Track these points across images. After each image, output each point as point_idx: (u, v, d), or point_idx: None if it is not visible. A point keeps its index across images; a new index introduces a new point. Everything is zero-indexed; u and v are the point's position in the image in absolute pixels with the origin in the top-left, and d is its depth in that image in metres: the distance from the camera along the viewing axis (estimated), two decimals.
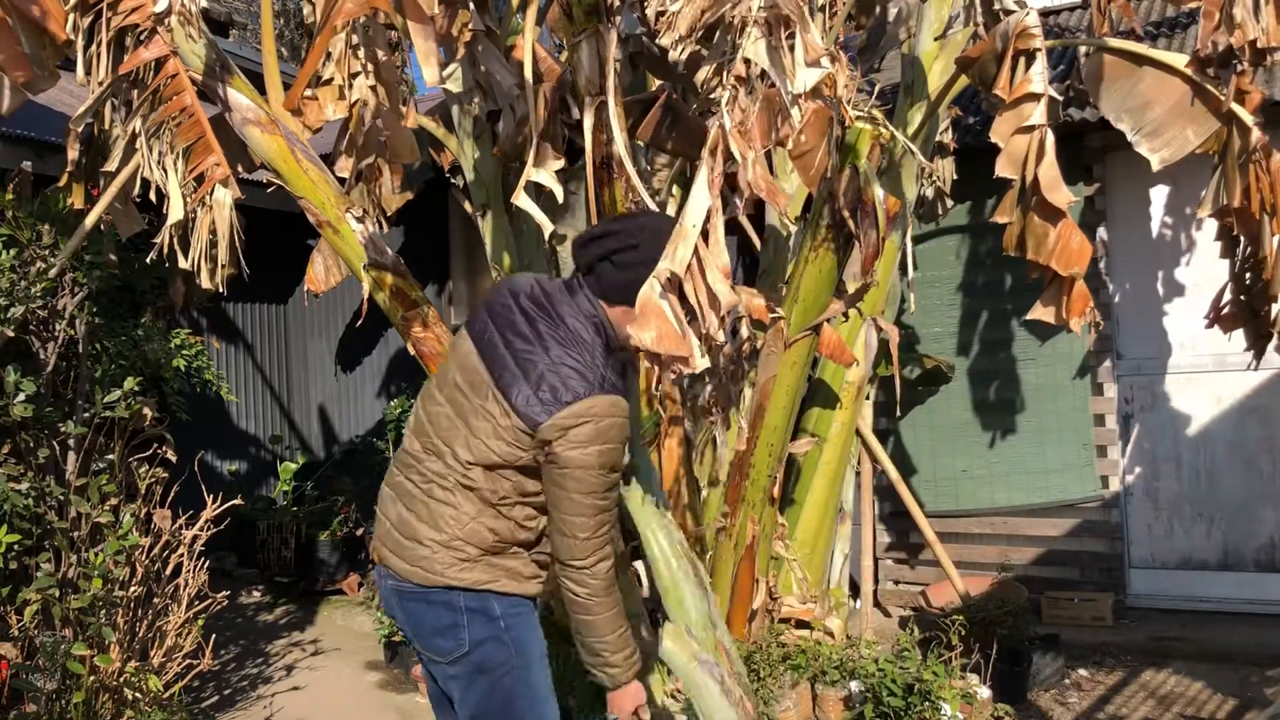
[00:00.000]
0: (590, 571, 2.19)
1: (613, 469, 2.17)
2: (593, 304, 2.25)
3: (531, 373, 2.17)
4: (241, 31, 12.59)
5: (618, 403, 2.17)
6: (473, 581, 2.24)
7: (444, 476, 2.24)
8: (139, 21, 3.73)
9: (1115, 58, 3.99)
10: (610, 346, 2.25)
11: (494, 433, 2.20)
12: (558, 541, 2.21)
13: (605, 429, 2.13)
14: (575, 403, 2.12)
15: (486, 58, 4.08)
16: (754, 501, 4.14)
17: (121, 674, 3.82)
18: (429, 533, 2.24)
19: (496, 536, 2.24)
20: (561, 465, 2.14)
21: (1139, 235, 5.49)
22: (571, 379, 2.15)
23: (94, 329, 4.37)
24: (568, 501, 2.16)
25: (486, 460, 2.20)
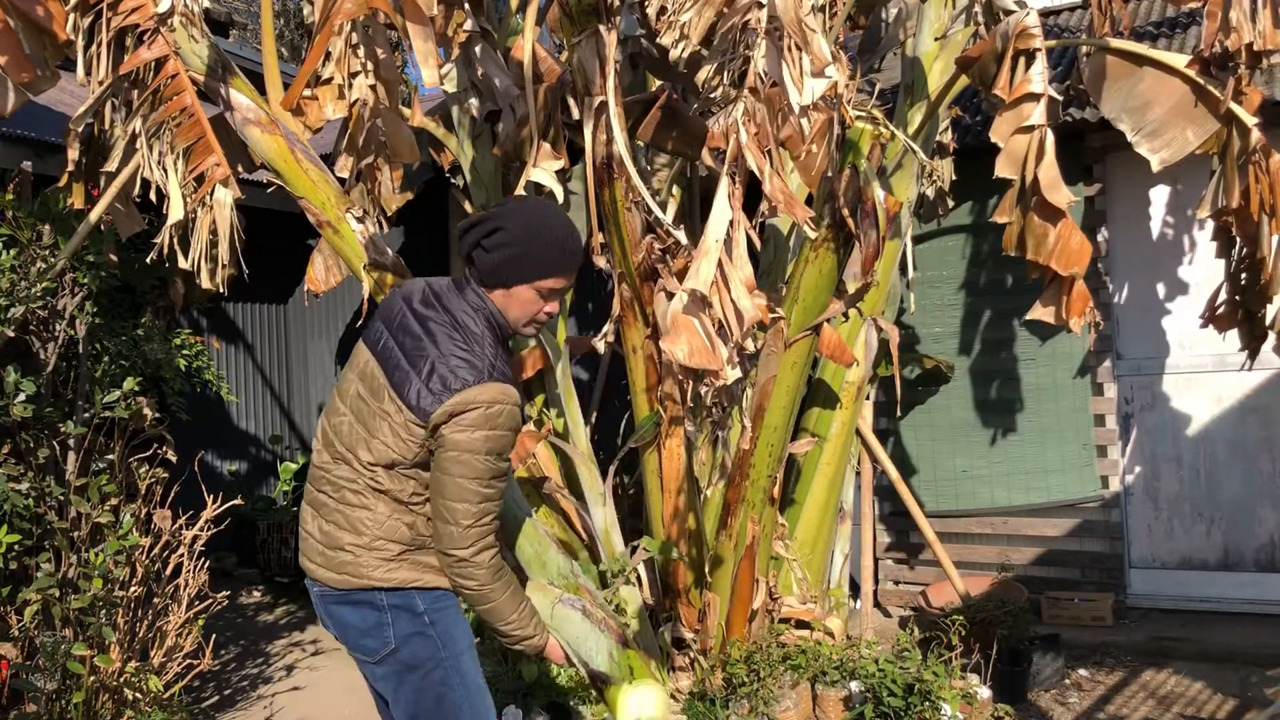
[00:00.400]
0: (473, 562, 2.21)
1: (499, 456, 2.20)
2: (478, 295, 2.30)
3: (422, 367, 2.22)
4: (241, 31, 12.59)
5: (507, 390, 2.21)
6: (399, 581, 2.27)
7: (353, 481, 2.28)
8: (139, 21, 3.73)
9: (1115, 58, 3.99)
10: (500, 336, 2.30)
11: (391, 431, 2.24)
12: (439, 530, 2.23)
13: (493, 415, 2.17)
14: (464, 390, 2.17)
15: (483, 59, 4.08)
16: (754, 501, 4.14)
17: (121, 674, 3.82)
18: (349, 538, 2.28)
19: (414, 531, 2.29)
20: (448, 448, 2.17)
21: (1139, 235, 5.49)
22: (460, 368, 2.19)
23: (94, 329, 4.37)
24: (451, 485, 2.18)
25: (386, 460, 2.24)
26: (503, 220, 2.28)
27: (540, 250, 2.27)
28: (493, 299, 2.30)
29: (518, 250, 2.26)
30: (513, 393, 2.23)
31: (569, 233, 2.35)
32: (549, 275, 2.29)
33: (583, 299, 6.79)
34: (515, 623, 2.31)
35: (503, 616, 2.30)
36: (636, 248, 3.96)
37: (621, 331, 4.23)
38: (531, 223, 2.30)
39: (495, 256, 2.26)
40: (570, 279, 2.35)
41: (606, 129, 3.67)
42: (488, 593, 2.25)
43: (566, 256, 2.32)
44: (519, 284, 2.28)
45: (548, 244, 2.28)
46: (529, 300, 2.31)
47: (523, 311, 2.32)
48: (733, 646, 4.13)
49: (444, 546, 2.22)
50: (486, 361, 2.22)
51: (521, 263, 2.26)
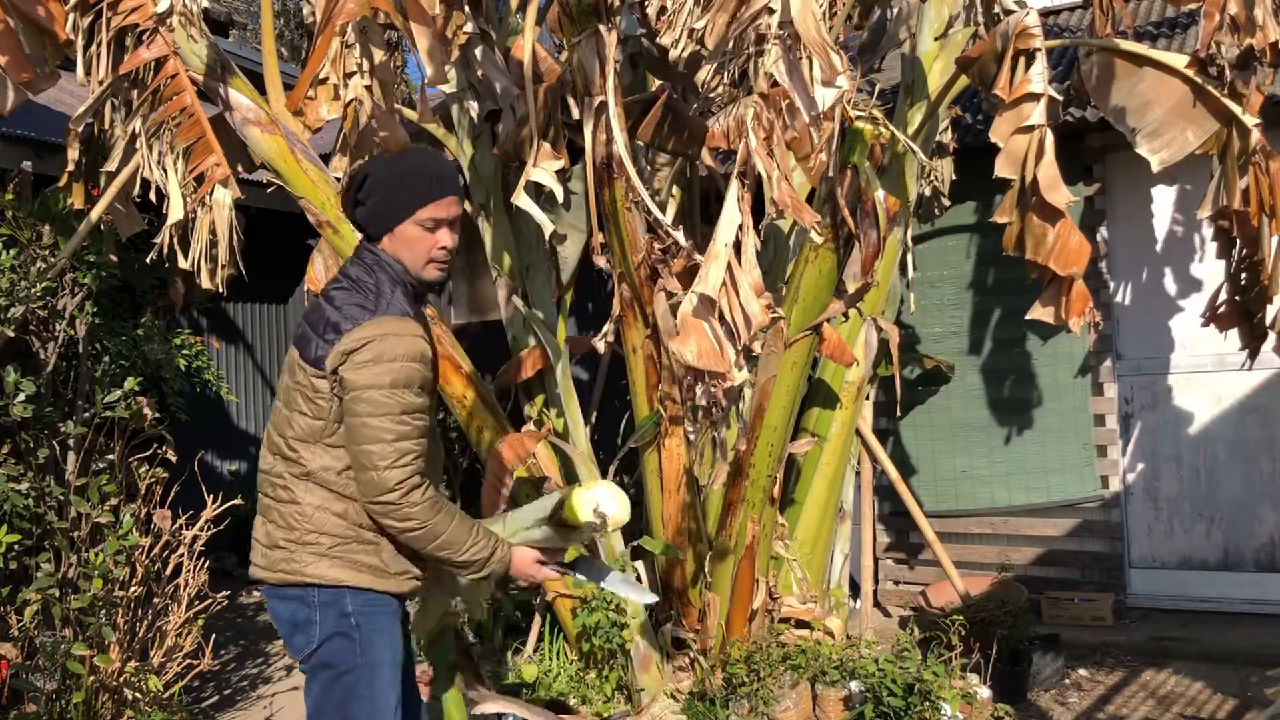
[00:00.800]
0: (405, 503, 2.12)
1: (407, 387, 2.12)
2: (368, 249, 2.28)
3: (319, 325, 2.21)
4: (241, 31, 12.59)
5: (403, 322, 2.16)
6: (332, 578, 2.20)
7: (283, 475, 2.23)
8: (139, 21, 3.73)
9: (1115, 58, 3.99)
10: (401, 281, 2.26)
11: (304, 399, 2.20)
12: (361, 481, 2.14)
13: (391, 346, 2.11)
14: (354, 328, 2.13)
15: (482, 60, 4.09)
16: (754, 501, 4.14)
17: (121, 674, 3.82)
18: (283, 535, 2.23)
19: (346, 521, 2.21)
20: (349, 390, 2.12)
21: (1139, 235, 5.49)
22: (351, 310, 2.17)
23: (94, 329, 4.37)
24: (361, 428, 2.11)
25: (304, 431, 2.20)
26: (368, 167, 2.29)
27: (408, 182, 2.25)
28: (383, 249, 2.27)
29: (387, 189, 2.25)
30: (410, 324, 2.17)
31: (434, 159, 2.34)
32: (423, 204, 2.24)
33: (583, 299, 6.79)
34: (474, 547, 2.22)
35: (459, 545, 2.20)
36: (636, 248, 3.96)
37: (621, 331, 4.23)
38: (394, 160, 2.32)
39: (370, 203, 2.25)
40: (451, 206, 2.29)
41: (606, 129, 3.67)
42: (433, 527, 2.16)
43: (437, 181, 2.27)
44: (399, 223, 2.25)
45: (414, 175, 2.26)
46: (415, 238, 2.26)
47: (414, 252, 2.26)
48: (733, 646, 4.13)
49: (369, 496, 2.14)
50: (381, 300, 2.18)
51: (394, 199, 2.24)
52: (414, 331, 2.16)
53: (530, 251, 4.76)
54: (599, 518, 2.29)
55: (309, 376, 2.18)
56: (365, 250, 2.29)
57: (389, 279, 2.23)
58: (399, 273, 2.26)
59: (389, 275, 2.24)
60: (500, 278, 4.70)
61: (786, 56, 2.87)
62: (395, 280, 2.24)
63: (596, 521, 2.28)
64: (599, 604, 4.13)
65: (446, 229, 2.29)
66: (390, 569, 2.24)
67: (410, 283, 2.28)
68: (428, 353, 2.18)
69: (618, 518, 2.31)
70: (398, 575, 2.26)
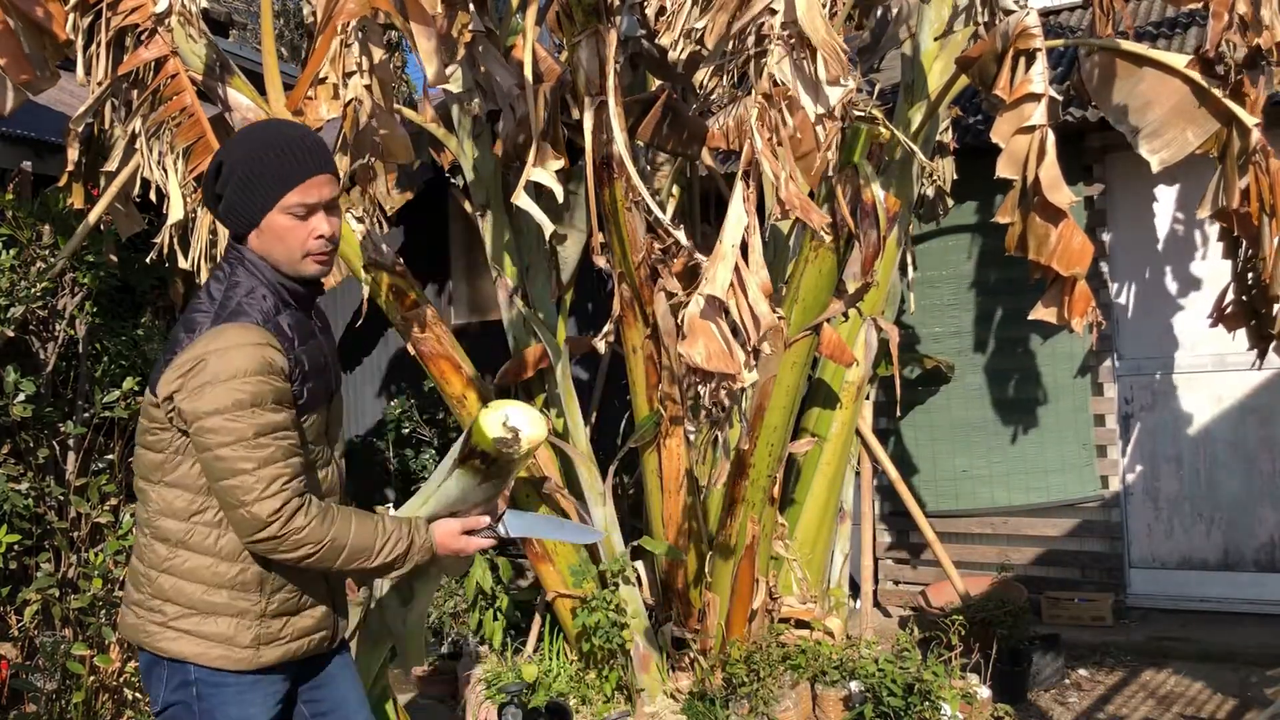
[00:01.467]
0: (287, 532, 1.82)
1: (257, 406, 1.80)
2: (233, 250, 1.96)
3: (168, 343, 1.92)
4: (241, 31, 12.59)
5: (245, 330, 1.83)
6: (176, 653, 1.90)
7: (139, 526, 1.97)
8: (139, 21, 3.73)
9: (1115, 58, 3.99)
10: (263, 281, 1.92)
11: (144, 430, 1.93)
12: (233, 520, 1.85)
13: (227, 362, 1.79)
14: (190, 346, 1.83)
15: (486, 58, 4.08)
16: (754, 501, 4.14)
17: (121, 674, 3.82)
18: (132, 594, 1.97)
19: (193, 583, 1.89)
20: (190, 422, 1.82)
21: (1139, 235, 5.49)
22: (193, 322, 1.87)
23: (94, 329, 4.37)
24: (216, 464, 1.81)
25: (146, 468, 1.93)
26: (222, 154, 1.94)
27: (267, 164, 1.89)
28: (250, 249, 1.93)
29: (243, 173, 1.89)
30: (251, 332, 1.83)
31: (296, 132, 1.97)
32: (288, 187, 1.89)
33: (583, 299, 6.79)
34: (386, 545, 1.92)
35: (368, 550, 1.90)
36: (636, 248, 3.96)
37: (621, 331, 4.23)
38: (248, 141, 1.94)
39: (229, 194, 1.91)
40: (323, 187, 1.93)
41: (606, 129, 3.67)
42: (331, 544, 1.86)
43: (301, 158, 1.91)
44: (264, 213, 1.90)
45: (273, 154, 1.90)
46: (286, 228, 1.91)
47: (287, 246, 1.92)
48: (733, 646, 4.13)
49: (246, 535, 1.83)
50: (226, 308, 1.86)
51: (254, 186, 1.89)
52: (253, 340, 1.83)
53: (530, 251, 4.76)
54: (510, 432, 1.96)
55: (147, 405, 1.90)
56: (229, 249, 1.97)
57: (250, 283, 1.91)
58: (265, 273, 1.93)
59: (255, 278, 1.92)
60: (500, 278, 4.70)
61: (790, 56, 2.87)
62: (262, 282, 1.92)
63: (508, 436, 1.96)
64: (599, 604, 4.13)
65: (323, 213, 1.94)
66: (241, 640, 1.91)
67: (278, 281, 1.94)
68: (276, 361, 1.84)
69: (533, 435, 1.99)
70: (252, 647, 1.92)
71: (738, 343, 2.82)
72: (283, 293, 1.95)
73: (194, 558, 1.90)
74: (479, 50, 4.09)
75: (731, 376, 2.70)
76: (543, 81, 3.95)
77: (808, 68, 2.86)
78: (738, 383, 2.75)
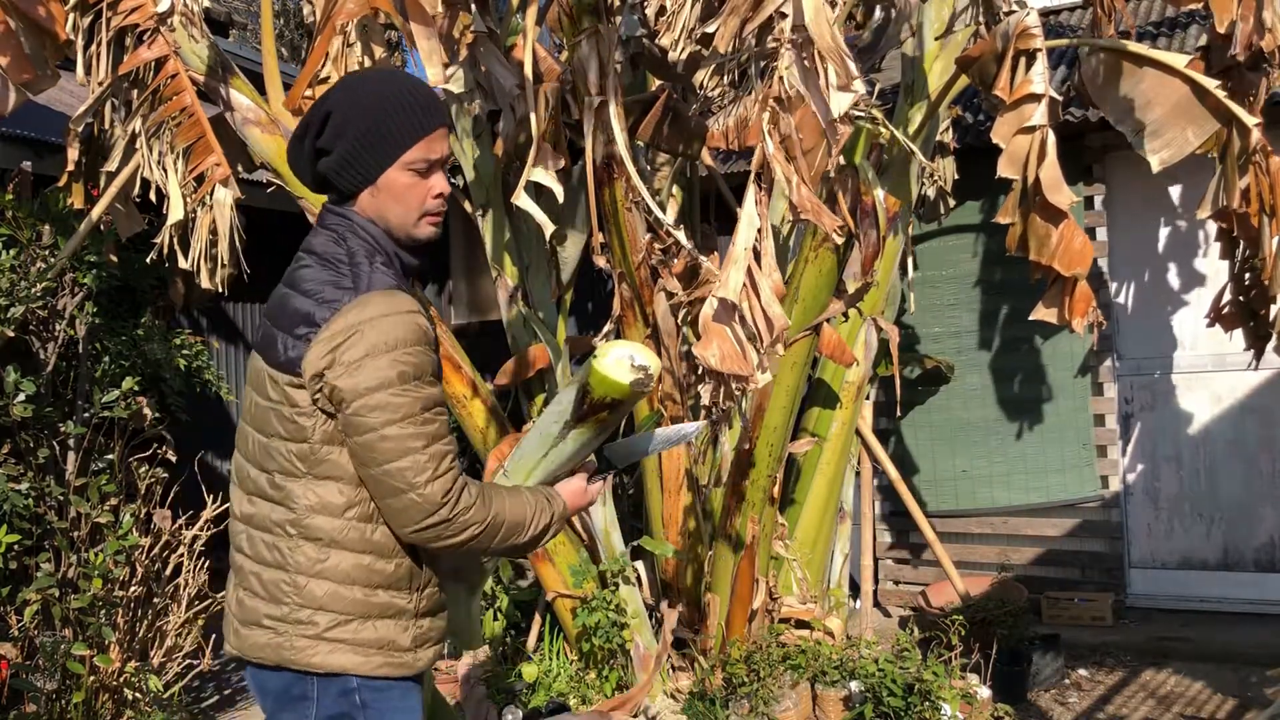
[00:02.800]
0: (457, 514, 1.68)
1: (419, 379, 1.67)
2: (337, 213, 1.80)
3: (284, 319, 1.73)
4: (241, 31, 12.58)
5: (394, 297, 1.69)
6: (334, 666, 1.72)
7: (267, 525, 1.75)
8: (139, 21, 3.73)
9: (1116, 58, 3.99)
10: (384, 249, 1.78)
11: (279, 419, 1.72)
12: (394, 510, 1.68)
13: (388, 330, 1.65)
14: (334, 317, 1.66)
15: (487, 58, 4.08)
16: (754, 501, 4.14)
17: (121, 674, 3.82)
18: (266, 610, 1.74)
19: (350, 586, 1.72)
20: (349, 402, 1.65)
21: (1139, 235, 5.49)
22: (324, 293, 1.70)
23: (94, 329, 4.37)
24: (380, 444, 1.65)
25: (286, 463, 1.72)
26: (329, 105, 1.77)
27: (392, 116, 1.75)
28: (359, 209, 1.78)
29: (362, 126, 1.74)
30: (403, 299, 1.70)
31: (418, 83, 1.82)
32: (413, 140, 1.76)
33: (583, 299, 6.79)
34: (536, 518, 1.80)
35: (520, 524, 1.78)
36: (636, 248, 3.96)
37: (621, 331, 4.23)
38: (363, 90, 1.79)
39: (341, 149, 1.75)
40: (444, 141, 1.80)
41: (606, 129, 3.67)
42: (493, 520, 1.73)
43: (426, 111, 1.78)
44: (382, 170, 1.76)
45: (398, 105, 1.76)
46: (405, 186, 1.77)
47: (404, 206, 1.78)
48: (733, 646, 4.13)
49: (413, 524, 1.67)
50: (362, 275, 1.71)
51: (375, 139, 1.74)
52: (409, 307, 1.70)
53: (530, 251, 4.76)
54: (641, 372, 1.81)
55: (282, 387, 1.71)
56: (331, 214, 1.80)
57: (365, 247, 1.76)
58: (377, 237, 1.78)
59: (365, 242, 1.77)
60: (500, 278, 4.70)
61: (799, 61, 2.87)
62: (375, 248, 1.77)
63: (642, 378, 1.81)
64: (599, 604, 4.13)
65: (440, 171, 1.82)
66: (402, 643, 1.76)
67: (393, 250, 1.80)
68: (430, 331, 1.73)
69: (656, 365, 1.86)
70: (414, 649, 1.78)
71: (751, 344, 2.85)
72: (398, 260, 1.80)
73: (349, 557, 1.72)
74: (480, 50, 4.09)
75: (745, 378, 2.72)
76: (543, 81, 3.95)
77: (818, 72, 2.87)
78: (752, 384, 2.77)
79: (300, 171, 1.84)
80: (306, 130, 1.79)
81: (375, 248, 1.77)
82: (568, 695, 4.20)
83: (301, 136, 1.80)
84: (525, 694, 4.10)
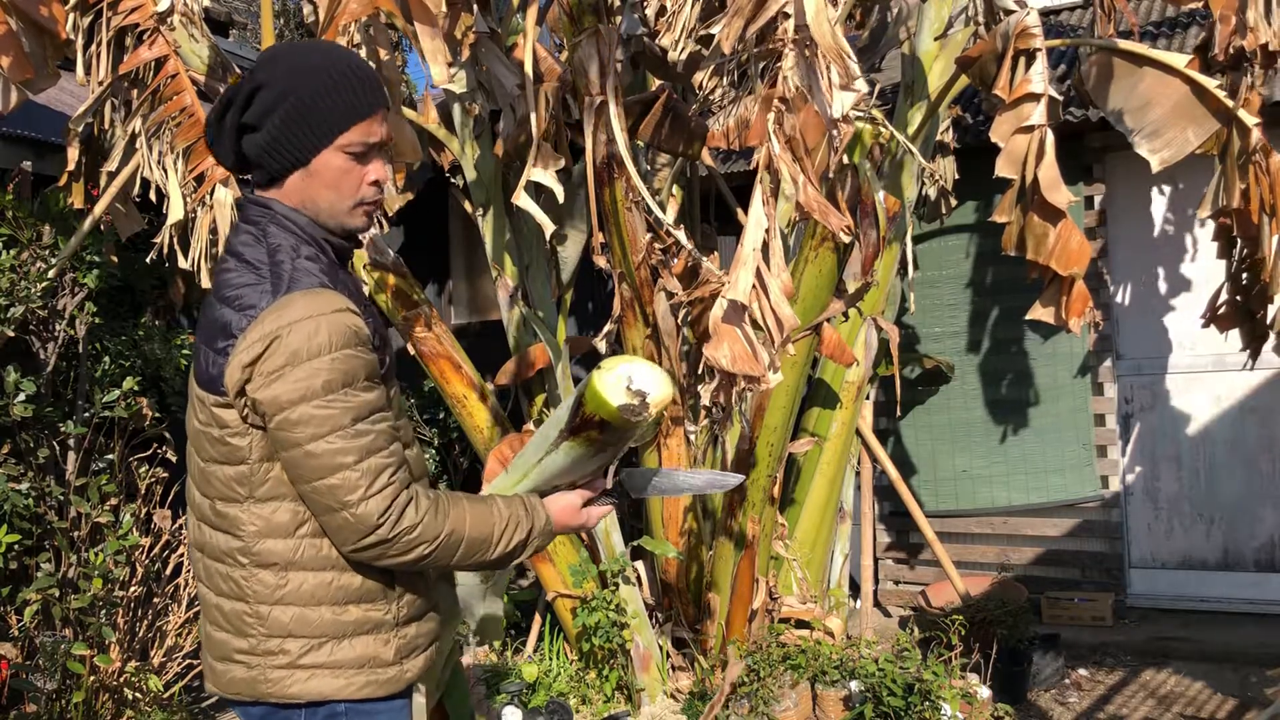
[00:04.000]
0: (398, 533, 1.52)
1: (349, 385, 1.51)
2: (258, 204, 1.63)
3: (205, 331, 1.57)
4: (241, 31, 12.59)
5: (319, 296, 1.52)
6: (314, 693, 1.59)
7: (220, 555, 1.61)
8: (139, 21, 3.74)
9: (1116, 58, 3.99)
10: (303, 234, 1.61)
11: (209, 442, 1.58)
12: (331, 528, 1.53)
13: (308, 335, 1.48)
14: (253, 325, 1.50)
15: (489, 58, 4.09)
16: (754, 501, 4.14)
17: (121, 674, 3.82)
18: (235, 643, 1.61)
19: (317, 607, 1.58)
20: (272, 415, 1.50)
21: (1139, 235, 5.49)
22: (243, 298, 1.53)
23: (94, 329, 4.37)
24: (307, 462, 1.49)
25: (225, 488, 1.58)
26: (259, 78, 1.59)
27: (327, 92, 1.59)
28: (283, 195, 1.62)
29: (296, 101, 1.57)
30: (328, 297, 1.53)
31: (353, 59, 1.66)
32: (351, 122, 1.60)
33: (583, 299, 6.80)
34: (506, 532, 1.63)
35: (488, 540, 1.61)
36: (636, 248, 3.97)
37: (622, 331, 4.23)
38: (298, 63, 1.61)
39: (269, 126, 1.58)
40: (383, 123, 1.65)
41: (607, 129, 3.67)
42: (448, 539, 1.57)
43: (364, 88, 1.62)
44: (316, 152, 1.59)
45: (333, 81, 1.59)
46: (340, 171, 1.61)
47: (337, 193, 1.63)
48: (732, 646, 4.13)
49: (350, 543, 1.52)
50: (282, 274, 1.54)
51: (309, 118, 1.58)
52: (335, 306, 1.53)
53: (530, 251, 4.76)
54: (636, 397, 1.60)
55: (209, 408, 1.56)
56: (251, 206, 1.63)
57: (290, 240, 1.59)
58: (303, 226, 1.61)
59: (290, 234, 1.60)
60: (500, 278, 4.70)
61: (802, 61, 2.88)
62: (300, 238, 1.60)
63: (635, 403, 1.60)
64: (599, 604, 4.13)
65: (378, 158, 1.67)
66: (385, 656, 1.63)
67: (322, 237, 1.63)
68: (363, 329, 1.55)
69: (662, 396, 1.63)
70: (397, 663, 1.65)
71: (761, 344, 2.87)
72: (328, 248, 1.63)
73: (311, 577, 1.58)
74: (481, 50, 4.09)
75: (756, 378, 2.74)
76: (543, 81, 3.95)
77: (821, 72, 2.88)
78: (763, 384, 2.79)
79: (220, 150, 1.64)
80: (230, 104, 1.61)
81: (301, 238, 1.60)
82: (568, 695, 4.20)
83: (224, 111, 1.62)
84: (525, 694, 4.10)
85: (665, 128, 3.92)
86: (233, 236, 1.64)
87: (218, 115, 1.63)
